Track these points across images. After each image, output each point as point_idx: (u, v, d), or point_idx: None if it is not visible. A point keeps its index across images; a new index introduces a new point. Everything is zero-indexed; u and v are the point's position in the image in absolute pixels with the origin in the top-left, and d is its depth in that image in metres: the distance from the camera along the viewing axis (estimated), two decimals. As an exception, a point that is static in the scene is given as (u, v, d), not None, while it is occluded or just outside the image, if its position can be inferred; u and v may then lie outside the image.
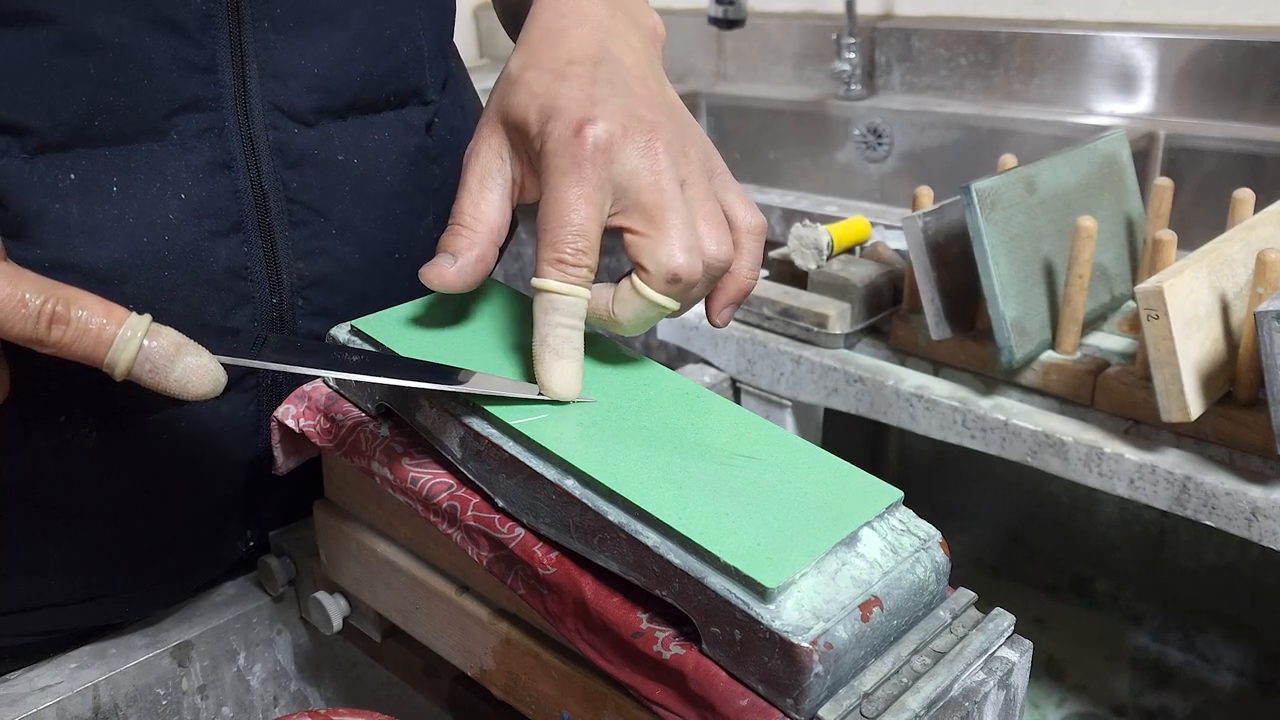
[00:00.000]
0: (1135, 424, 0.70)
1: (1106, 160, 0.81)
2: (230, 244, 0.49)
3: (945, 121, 1.56)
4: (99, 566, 0.51)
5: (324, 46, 0.50)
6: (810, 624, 0.33)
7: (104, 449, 0.49)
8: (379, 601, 0.51)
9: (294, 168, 0.51)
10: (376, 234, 0.54)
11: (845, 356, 0.82)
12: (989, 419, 0.73)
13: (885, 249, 0.87)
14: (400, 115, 0.55)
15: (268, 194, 0.50)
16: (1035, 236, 0.73)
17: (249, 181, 0.49)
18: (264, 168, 0.50)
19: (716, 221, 0.43)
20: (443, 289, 0.43)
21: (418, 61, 0.56)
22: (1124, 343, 0.76)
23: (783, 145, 1.77)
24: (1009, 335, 0.71)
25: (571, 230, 0.40)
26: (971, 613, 0.39)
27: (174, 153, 0.47)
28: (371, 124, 0.54)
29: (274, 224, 0.51)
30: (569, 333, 0.40)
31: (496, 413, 0.40)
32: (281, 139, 0.50)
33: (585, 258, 0.40)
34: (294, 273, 0.52)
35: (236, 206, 0.49)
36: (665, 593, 0.36)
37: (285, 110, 0.50)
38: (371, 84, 0.53)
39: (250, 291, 0.50)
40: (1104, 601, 1.01)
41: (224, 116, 0.48)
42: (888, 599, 0.35)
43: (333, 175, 0.52)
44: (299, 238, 0.52)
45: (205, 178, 0.48)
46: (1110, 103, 1.46)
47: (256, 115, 0.49)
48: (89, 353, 0.36)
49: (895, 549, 0.37)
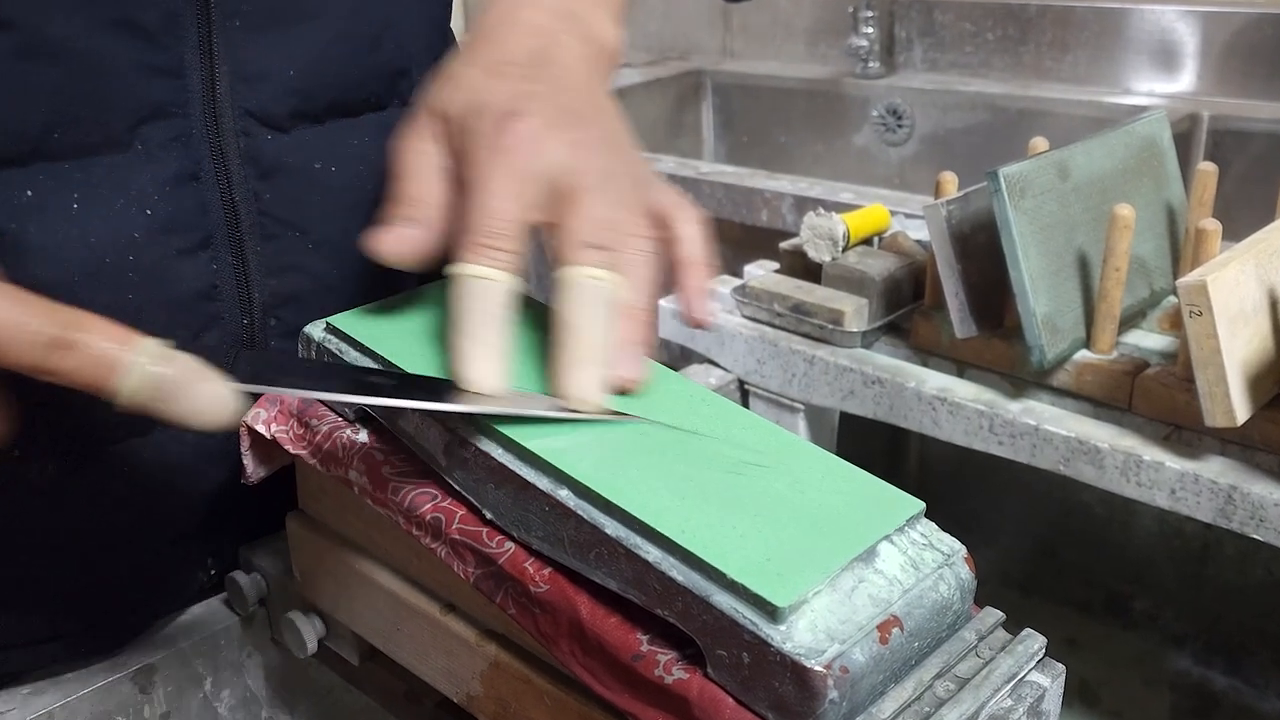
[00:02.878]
0: (1176, 429, 0.70)
1: (1145, 144, 0.81)
2: (198, 262, 0.50)
3: (970, 102, 1.56)
4: (49, 606, 0.52)
5: (299, 46, 0.51)
6: (824, 646, 0.33)
7: (62, 484, 0.49)
8: (357, 622, 0.51)
9: (267, 177, 0.51)
10: (356, 248, 0.54)
11: (862, 356, 0.82)
12: (1018, 424, 0.73)
13: (906, 240, 0.87)
14: (381, 118, 0.55)
15: (238, 206, 0.50)
16: (1068, 226, 0.73)
17: (218, 193, 0.50)
18: (234, 178, 0.50)
19: (634, 203, 0.44)
20: (397, 259, 0.42)
21: (402, 59, 0.56)
22: (1164, 341, 0.76)
23: (794, 128, 1.77)
24: (1040, 333, 0.71)
25: (491, 214, 0.40)
26: (999, 634, 0.39)
27: (139, 164, 0.47)
28: (350, 129, 0.54)
29: (245, 238, 0.51)
30: (489, 320, 0.40)
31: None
32: (253, 146, 0.50)
33: (505, 241, 0.40)
34: (266, 290, 0.52)
35: (205, 220, 0.50)
36: (667, 612, 0.36)
37: (257, 115, 0.50)
38: (351, 85, 0.53)
39: (219, 312, 0.51)
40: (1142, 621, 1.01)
41: (191, 124, 0.48)
42: (908, 619, 0.36)
43: (308, 185, 0.52)
44: (272, 252, 0.52)
45: (172, 191, 0.48)
46: (1150, 81, 1.46)
47: (226, 121, 0.49)
48: (95, 381, 0.36)
49: (916, 565, 0.37)
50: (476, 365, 0.40)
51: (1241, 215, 1.26)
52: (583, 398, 0.40)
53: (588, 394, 0.40)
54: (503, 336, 0.40)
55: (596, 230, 0.41)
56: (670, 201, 0.46)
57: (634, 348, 0.42)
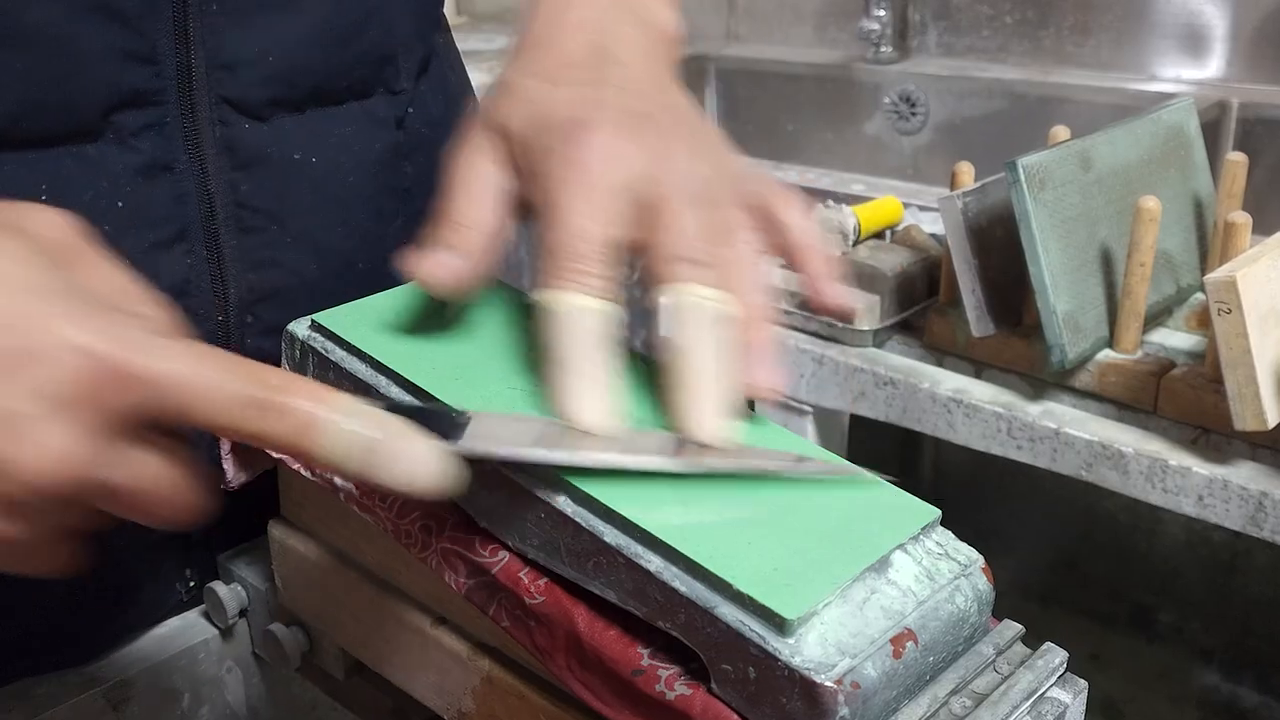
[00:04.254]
0: (1204, 433, 0.70)
1: (1172, 132, 0.81)
2: (172, 256, 0.49)
3: (988, 88, 1.56)
4: (19, 619, 0.51)
5: (279, 30, 0.51)
6: (834, 660, 0.33)
7: None
8: (343, 634, 0.51)
9: (244, 168, 0.51)
10: (337, 242, 0.54)
11: (874, 356, 0.82)
12: (1038, 427, 0.73)
13: (919, 233, 0.87)
14: (365, 107, 0.55)
15: (214, 197, 0.50)
16: (1090, 219, 0.73)
17: (193, 184, 0.50)
18: (210, 168, 0.50)
19: (728, 202, 0.42)
20: (435, 287, 0.41)
21: (388, 44, 0.56)
22: (1191, 340, 0.76)
23: (802, 116, 1.77)
24: (1060, 332, 0.71)
25: (575, 235, 0.39)
26: (1018, 648, 0.39)
27: (110, 154, 0.47)
28: (333, 117, 0.54)
29: (220, 231, 0.51)
30: (591, 351, 0.38)
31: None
32: (230, 135, 0.50)
33: (595, 264, 0.39)
34: (243, 286, 0.52)
35: (179, 213, 0.49)
36: (669, 625, 0.36)
37: (234, 103, 0.50)
38: (333, 72, 0.53)
39: (194, 308, 0.51)
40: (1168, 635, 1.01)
41: (166, 111, 0.48)
42: (923, 632, 0.35)
43: (288, 176, 0.52)
44: (249, 246, 0.52)
45: (145, 181, 0.48)
46: (1176, 67, 1.46)
47: (202, 109, 0.49)
48: (295, 443, 0.34)
49: (931, 575, 0.37)
50: (586, 405, 0.38)
51: (1272, 208, 1.26)
52: (711, 433, 0.38)
53: (712, 428, 0.38)
54: (608, 369, 0.39)
55: (690, 243, 0.40)
56: (766, 190, 0.45)
57: (763, 354, 0.40)
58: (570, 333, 0.38)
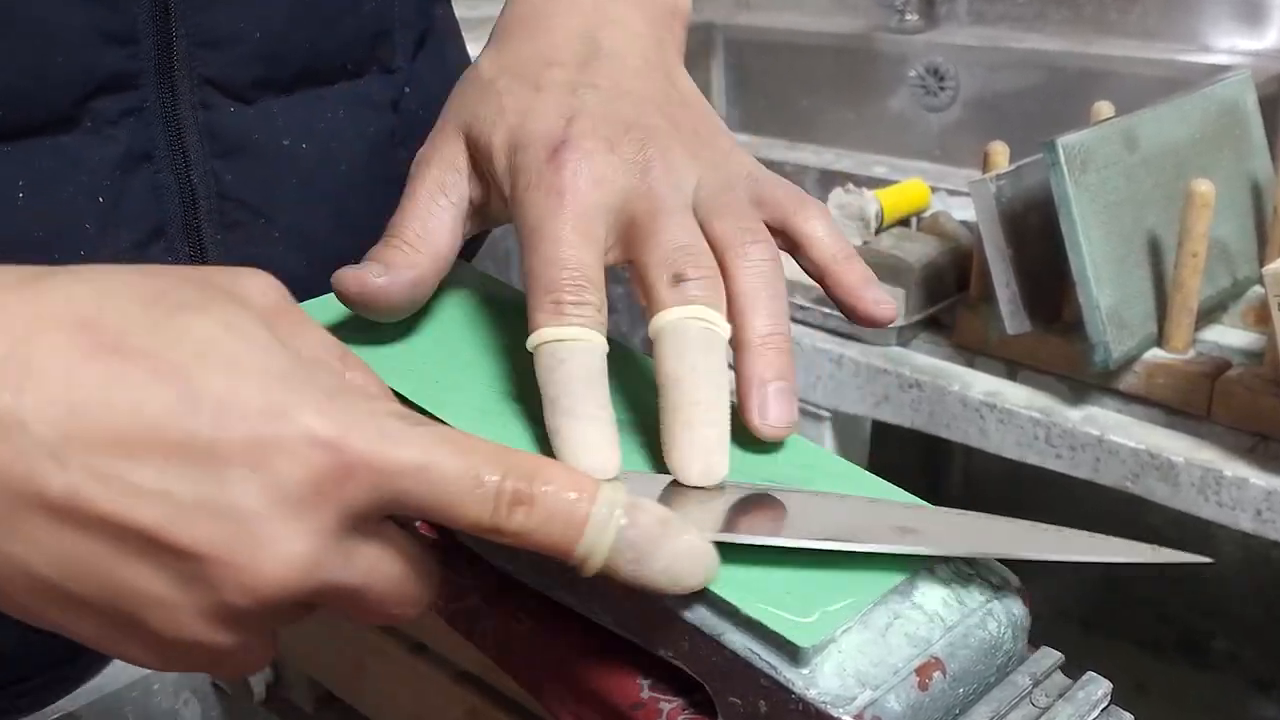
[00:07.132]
0: (1262, 440, 0.70)
1: (1226, 109, 0.81)
2: (151, 255, 0.50)
3: (1023, 60, 1.56)
4: None
5: (266, 4, 0.51)
6: (854, 692, 0.33)
7: None
8: (312, 663, 0.51)
9: (228, 156, 0.51)
10: (328, 236, 0.54)
11: (898, 356, 0.82)
12: (1078, 434, 0.73)
13: (948, 221, 0.87)
14: (358, 87, 0.55)
15: (196, 189, 0.50)
16: (1137, 205, 0.73)
17: (173, 175, 0.50)
18: (192, 157, 0.50)
19: (734, 205, 0.42)
20: (359, 302, 0.41)
21: (384, 19, 0.56)
22: (1248, 338, 0.76)
23: (819, 91, 1.77)
24: (1104, 329, 0.71)
25: (564, 266, 0.39)
26: (1057, 678, 0.39)
27: (87, 144, 0.47)
28: (323, 99, 0.54)
29: (203, 225, 0.51)
30: (584, 389, 0.38)
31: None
32: (213, 120, 0.50)
33: (587, 294, 0.39)
34: None
35: (158, 207, 0.50)
36: (671, 653, 0.36)
37: (217, 84, 0.50)
38: (324, 50, 0.53)
39: None
40: (1221, 663, 1.01)
41: (145, 95, 0.48)
42: (952, 661, 0.35)
43: (275, 164, 0.52)
44: (233, 242, 0.52)
45: (122, 174, 0.48)
46: (1231, 36, 1.46)
47: (183, 92, 0.49)
48: (556, 542, 0.32)
49: (961, 599, 0.37)
50: (584, 445, 0.37)
51: (1337, 192, 1.26)
52: (702, 474, 0.38)
53: (700, 469, 0.38)
54: (608, 406, 0.38)
55: (679, 260, 0.40)
56: (783, 197, 0.44)
57: (777, 386, 0.39)
58: (566, 372, 0.38)
